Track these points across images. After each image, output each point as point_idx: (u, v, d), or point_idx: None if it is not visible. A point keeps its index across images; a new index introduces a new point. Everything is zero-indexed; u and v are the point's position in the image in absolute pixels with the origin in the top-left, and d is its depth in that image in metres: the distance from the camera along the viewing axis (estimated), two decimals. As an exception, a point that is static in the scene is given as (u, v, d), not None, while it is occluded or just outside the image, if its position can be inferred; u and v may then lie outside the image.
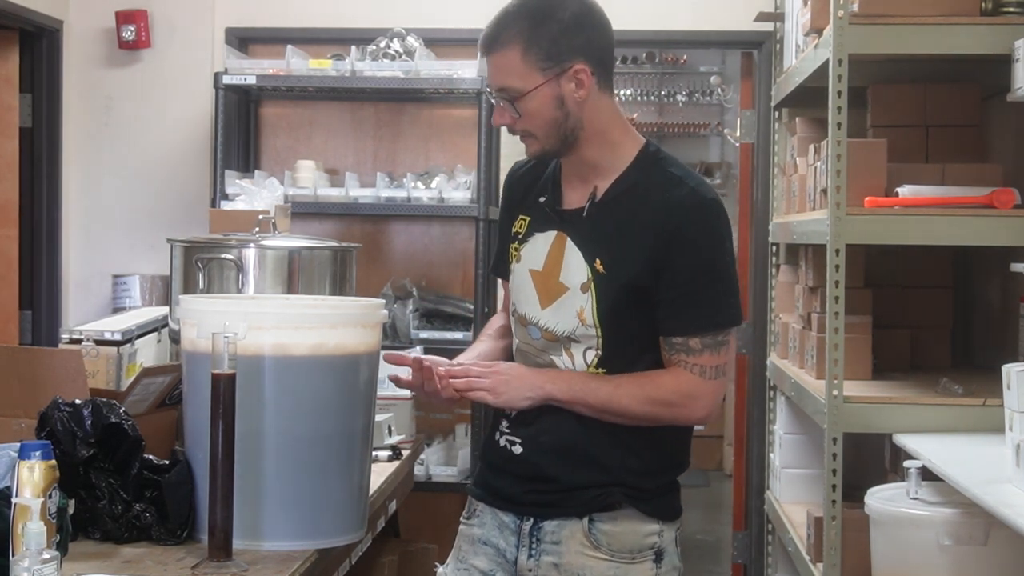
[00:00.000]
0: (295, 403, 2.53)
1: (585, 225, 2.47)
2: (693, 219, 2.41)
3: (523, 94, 2.40)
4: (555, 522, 2.48)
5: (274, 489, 2.52)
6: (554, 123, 2.43)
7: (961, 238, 3.79)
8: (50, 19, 5.50)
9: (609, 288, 2.42)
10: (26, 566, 1.97)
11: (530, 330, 2.52)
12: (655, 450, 2.50)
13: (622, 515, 2.46)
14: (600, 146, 2.47)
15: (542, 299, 2.49)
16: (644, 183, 2.46)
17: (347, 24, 5.71)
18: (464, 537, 2.60)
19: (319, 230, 5.56)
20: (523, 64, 2.40)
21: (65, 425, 2.50)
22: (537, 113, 2.42)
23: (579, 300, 2.45)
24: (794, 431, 4.81)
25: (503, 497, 2.54)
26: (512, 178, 2.67)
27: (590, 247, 2.45)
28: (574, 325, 2.46)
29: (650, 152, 2.50)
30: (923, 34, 3.69)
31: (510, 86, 2.41)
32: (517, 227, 2.57)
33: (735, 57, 7.56)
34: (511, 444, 2.53)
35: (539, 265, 2.51)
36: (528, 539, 2.50)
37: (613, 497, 2.46)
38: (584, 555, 2.46)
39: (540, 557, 2.48)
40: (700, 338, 2.42)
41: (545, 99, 2.41)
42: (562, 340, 2.48)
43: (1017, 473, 2.93)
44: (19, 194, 5.51)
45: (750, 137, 5.90)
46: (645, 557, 2.47)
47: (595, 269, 2.44)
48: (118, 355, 3.53)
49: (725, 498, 7.48)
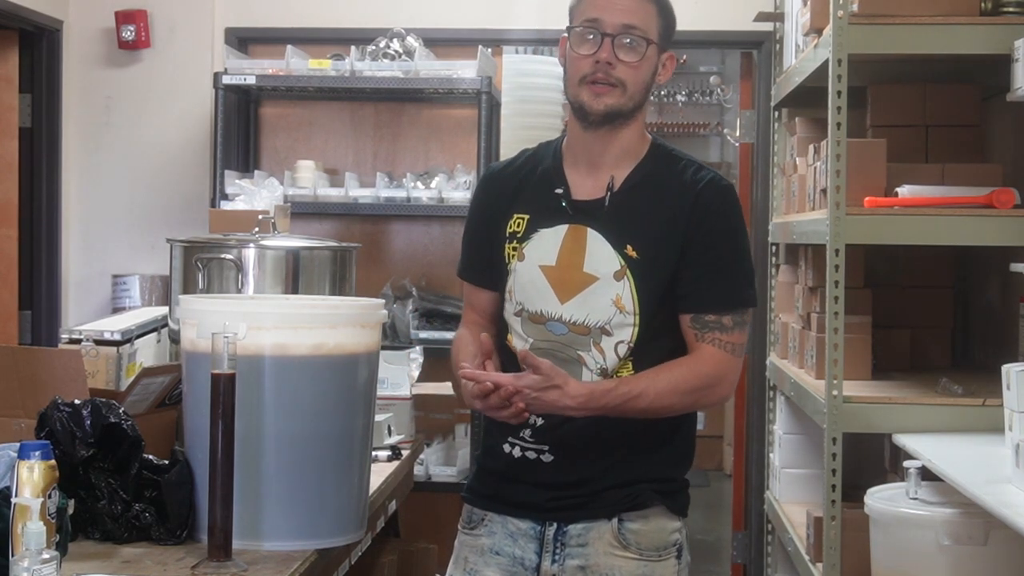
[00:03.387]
0: (295, 403, 2.52)
1: (608, 214, 2.48)
2: (719, 199, 2.49)
3: (648, 43, 2.47)
4: (581, 525, 2.48)
5: (274, 489, 2.52)
6: (644, 86, 2.50)
7: (961, 238, 3.80)
8: (50, 19, 5.49)
9: (647, 272, 2.45)
10: (26, 566, 1.97)
11: (551, 326, 2.50)
12: (675, 443, 2.53)
13: (651, 513, 2.49)
14: (636, 132, 2.54)
15: (560, 293, 2.48)
16: (662, 171, 2.52)
17: (347, 24, 5.71)
18: (469, 548, 2.58)
19: (319, 230, 5.56)
20: (655, 23, 2.50)
21: (65, 425, 2.50)
22: (646, 69, 2.49)
23: (613, 288, 2.45)
24: (794, 431, 4.81)
25: (519, 505, 2.52)
26: (495, 180, 2.64)
27: (617, 235, 2.46)
28: (610, 314, 2.45)
29: (661, 145, 2.58)
30: (923, 34, 3.69)
31: (647, 30, 2.48)
32: (514, 227, 2.55)
33: (735, 57, 7.56)
34: (538, 453, 2.50)
35: (551, 260, 2.50)
36: (552, 544, 2.49)
37: (644, 496, 2.47)
38: (613, 555, 2.46)
39: (565, 561, 2.48)
40: (732, 315, 2.46)
41: (652, 63, 2.51)
42: (594, 332, 2.47)
43: (1017, 473, 2.93)
44: (19, 194, 5.51)
45: (750, 137, 5.90)
46: (669, 554, 2.50)
47: (627, 256, 2.45)
48: (118, 355, 3.52)
49: (725, 498, 7.47)
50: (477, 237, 2.65)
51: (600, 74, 2.46)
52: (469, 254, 2.67)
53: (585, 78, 2.47)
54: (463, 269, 2.69)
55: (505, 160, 2.69)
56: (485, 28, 5.68)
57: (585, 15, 2.48)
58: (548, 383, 2.38)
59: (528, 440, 2.51)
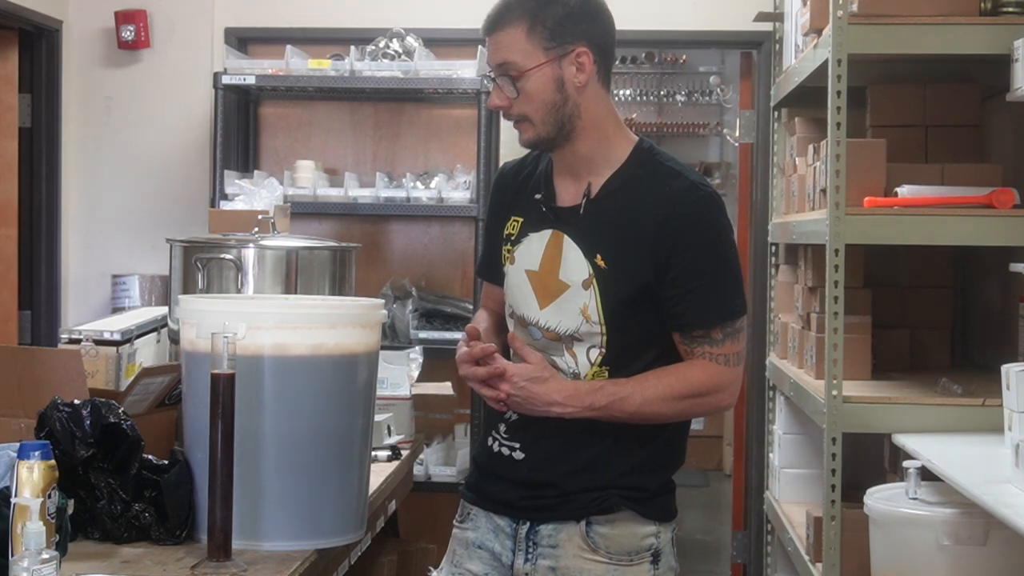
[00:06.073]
0: (294, 403, 2.53)
1: (582, 222, 2.45)
2: (697, 211, 2.42)
3: (524, 71, 2.39)
4: (552, 526, 2.47)
5: (273, 489, 2.52)
6: (552, 106, 2.41)
7: (961, 238, 3.80)
8: (49, 19, 5.49)
9: (613, 283, 2.41)
10: (25, 566, 1.97)
11: (530, 331, 2.51)
12: (653, 449, 2.49)
13: (619, 518, 2.45)
14: (595, 140, 2.46)
15: (540, 299, 2.48)
16: (641, 178, 2.45)
17: (346, 24, 5.71)
18: (458, 541, 2.58)
19: (318, 230, 5.56)
20: (527, 41, 2.39)
21: (64, 425, 2.50)
22: (536, 94, 2.40)
23: (581, 297, 2.43)
24: (793, 431, 4.81)
25: (498, 501, 2.52)
26: (503, 179, 2.64)
27: (589, 243, 2.44)
28: (578, 323, 2.44)
29: (644, 148, 2.49)
30: (922, 34, 3.69)
31: (512, 61, 2.40)
32: (510, 228, 2.55)
33: (735, 57, 7.56)
34: (511, 450, 2.51)
35: (535, 265, 2.49)
36: (524, 543, 2.49)
37: (610, 500, 2.45)
38: (582, 558, 2.45)
39: (537, 561, 2.47)
40: (720, 328, 2.42)
41: (546, 79, 2.40)
42: (564, 339, 2.46)
43: (1016, 473, 2.93)
44: (18, 194, 5.51)
45: (749, 137, 5.90)
46: (643, 559, 2.46)
47: (596, 265, 2.42)
48: (117, 355, 3.53)
49: (724, 498, 7.47)
50: (488, 235, 2.65)
51: (505, 116, 2.47)
52: (484, 251, 2.68)
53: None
54: (479, 267, 2.73)
55: (517, 159, 2.66)
56: (485, 28, 5.67)
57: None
58: (535, 373, 2.39)
59: (503, 436, 2.52)
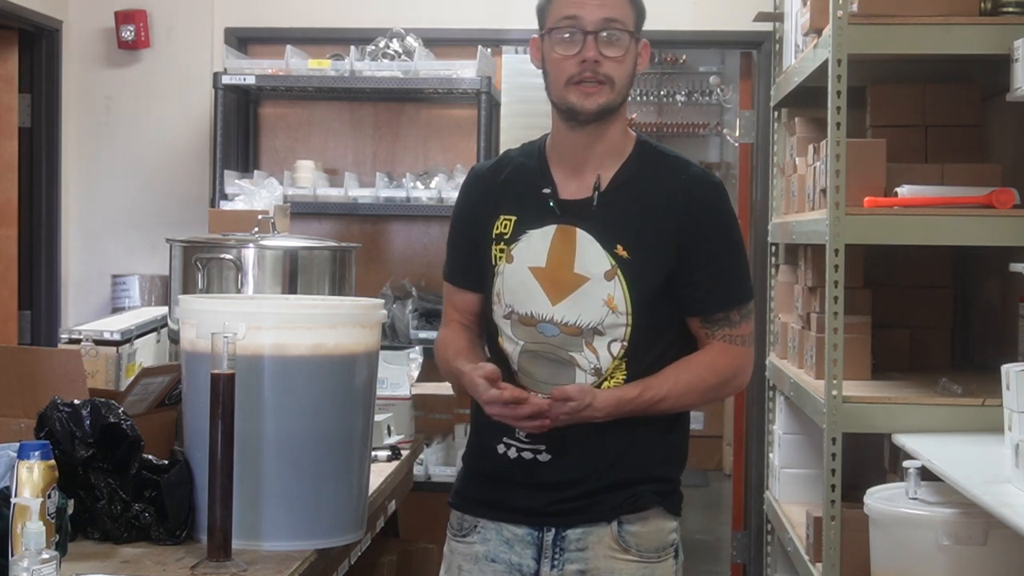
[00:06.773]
0: (294, 403, 2.52)
1: (596, 214, 2.46)
2: (713, 197, 2.50)
3: (629, 35, 2.44)
4: (581, 529, 2.46)
5: (273, 489, 2.52)
6: (629, 79, 2.47)
7: (961, 238, 3.80)
8: (49, 19, 5.50)
9: (639, 272, 2.43)
10: (25, 566, 1.97)
11: (542, 328, 2.48)
12: (670, 442, 2.52)
13: (649, 515, 2.48)
14: (620, 128, 2.52)
15: (551, 294, 2.47)
16: (650, 169, 2.50)
17: (346, 24, 5.71)
18: (462, 556, 2.55)
19: (318, 230, 5.56)
20: (631, 11, 2.46)
21: (64, 425, 2.49)
22: (629, 61, 2.46)
23: (604, 288, 2.44)
24: (793, 431, 4.81)
25: (516, 510, 2.50)
26: (480, 180, 2.61)
27: (607, 235, 2.45)
28: (602, 315, 2.44)
29: (646, 143, 2.55)
30: (922, 34, 3.69)
31: (623, 20, 2.43)
32: (501, 228, 2.53)
33: (734, 57, 7.56)
34: (534, 453, 2.48)
35: (541, 261, 2.48)
36: (551, 550, 2.48)
37: (643, 498, 2.46)
38: (612, 559, 2.46)
39: (564, 566, 2.47)
40: (738, 310, 2.49)
41: (633, 54, 2.47)
42: (585, 333, 2.45)
43: (1016, 473, 2.93)
44: (18, 194, 5.51)
45: (749, 137, 5.90)
46: (668, 554, 2.50)
47: (618, 256, 2.43)
48: (117, 355, 3.53)
49: (724, 498, 7.47)
50: (462, 239, 2.62)
51: (588, 73, 2.42)
52: (455, 257, 2.64)
53: (571, 79, 2.43)
54: (449, 272, 2.66)
55: (489, 161, 2.66)
56: (484, 28, 5.68)
57: (562, 13, 2.43)
58: (582, 407, 2.39)
59: (524, 440, 2.49)
